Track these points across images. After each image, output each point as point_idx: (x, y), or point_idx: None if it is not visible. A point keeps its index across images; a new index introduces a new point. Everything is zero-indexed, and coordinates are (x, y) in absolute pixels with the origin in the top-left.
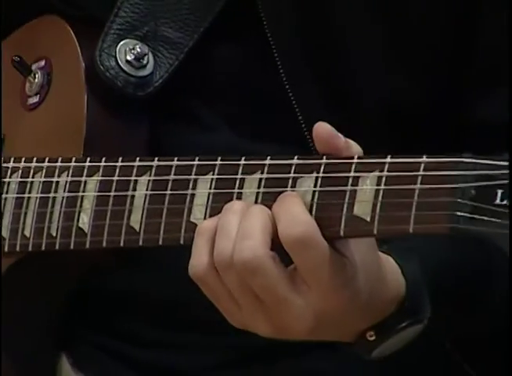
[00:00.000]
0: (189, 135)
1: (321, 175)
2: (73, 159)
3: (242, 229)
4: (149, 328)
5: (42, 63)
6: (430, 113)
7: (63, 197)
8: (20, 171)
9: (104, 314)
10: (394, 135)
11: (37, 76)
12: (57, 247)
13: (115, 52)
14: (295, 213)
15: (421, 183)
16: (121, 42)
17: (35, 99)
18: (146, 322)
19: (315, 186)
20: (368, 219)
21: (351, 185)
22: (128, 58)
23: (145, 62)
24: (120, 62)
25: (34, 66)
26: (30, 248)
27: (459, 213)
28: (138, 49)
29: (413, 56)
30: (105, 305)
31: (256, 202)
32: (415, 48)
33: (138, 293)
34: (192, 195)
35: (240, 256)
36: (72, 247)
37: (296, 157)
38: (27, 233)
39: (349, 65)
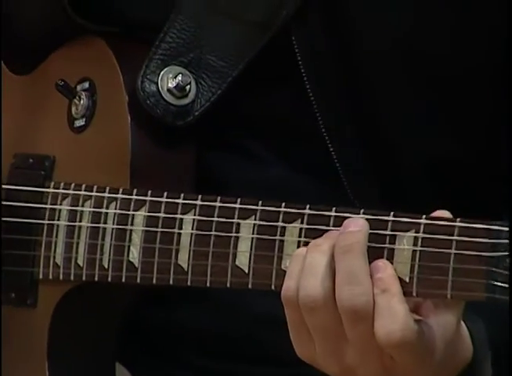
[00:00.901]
0: (241, 168)
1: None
2: (121, 190)
3: (346, 272)
4: (211, 361)
5: (86, 84)
6: (470, 166)
7: (112, 229)
8: (70, 198)
9: (169, 346)
10: (434, 186)
11: (82, 98)
12: (109, 279)
13: (157, 78)
14: (398, 313)
15: (456, 248)
16: (165, 69)
17: (82, 122)
18: (208, 355)
19: None
20: (407, 280)
21: (389, 243)
22: (170, 86)
23: (187, 91)
24: (161, 89)
25: (78, 88)
26: (83, 278)
27: (495, 282)
28: (181, 78)
29: (454, 110)
30: (170, 338)
31: None
32: (456, 103)
33: (200, 327)
34: (236, 238)
35: (352, 303)
36: (124, 280)
37: (334, 209)
38: (80, 263)
39: (380, 105)
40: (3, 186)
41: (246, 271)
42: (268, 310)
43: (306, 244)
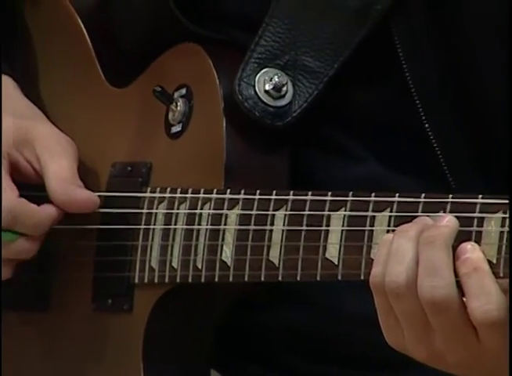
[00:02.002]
0: (338, 165)
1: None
2: (215, 191)
3: (427, 263)
4: (303, 362)
5: (183, 91)
6: None
7: (206, 230)
8: (166, 201)
9: (263, 348)
10: None
11: (179, 104)
12: (203, 279)
13: (254, 81)
14: (492, 292)
15: None
16: (261, 71)
17: (178, 128)
18: (301, 356)
19: None
20: (494, 261)
21: (477, 226)
22: (267, 88)
23: (283, 92)
24: (258, 92)
25: (175, 95)
26: (178, 280)
27: None
28: (277, 79)
29: None
30: (264, 340)
31: None
32: None
33: (294, 328)
34: (326, 231)
35: (431, 295)
36: (216, 280)
37: (423, 195)
38: (174, 265)
39: (486, 100)
40: (102, 194)
41: (336, 262)
42: (362, 310)
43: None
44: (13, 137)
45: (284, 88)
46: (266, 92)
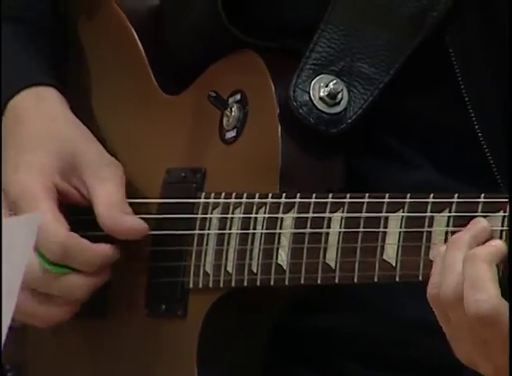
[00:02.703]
0: (393, 172)
1: (507, 214)
2: (270, 195)
3: (472, 278)
4: (360, 367)
5: (238, 96)
6: None
7: (261, 234)
8: (221, 206)
9: (319, 352)
10: None
11: (233, 110)
12: (258, 283)
13: (309, 88)
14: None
15: None
16: (316, 78)
17: (233, 133)
18: (358, 361)
19: (502, 225)
20: None
21: None
22: (322, 94)
23: (339, 98)
24: (313, 98)
25: (230, 100)
26: (233, 284)
27: None
28: (332, 86)
29: None
30: (320, 344)
31: (445, 241)
32: None
33: (351, 332)
34: (384, 233)
35: (476, 310)
36: (272, 283)
37: (483, 196)
38: (229, 269)
39: None
40: (156, 201)
41: (394, 264)
42: (420, 314)
43: (453, 233)
44: (59, 166)
45: (339, 95)
46: (321, 98)
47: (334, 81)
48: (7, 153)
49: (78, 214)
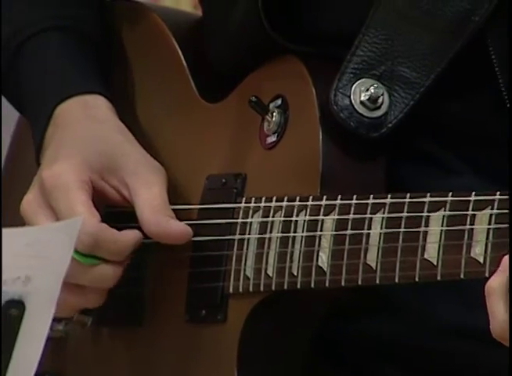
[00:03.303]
0: (433, 178)
1: None
2: (311, 197)
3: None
4: (401, 373)
5: (279, 101)
6: None
7: (302, 237)
8: (261, 210)
9: (359, 359)
10: None
11: (274, 115)
12: (298, 286)
13: (350, 92)
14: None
15: None
16: (357, 82)
17: (273, 138)
18: (399, 367)
19: None
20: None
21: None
22: (363, 98)
23: (379, 102)
24: (354, 102)
25: (271, 105)
26: (273, 288)
27: None
28: (373, 90)
29: None
30: (360, 351)
31: (487, 238)
32: None
33: (391, 339)
34: (425, 232)
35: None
36: (312, 285)
37: None
38: (269, 273)
39: None
40: (197, 207)
41: (435, 263)
42: (460, 321)
43: (494, 231)
44: (99, 165)
45: (380, 99)
46: (362, 102)
47: (375, 85)
48: (48, 153)
49: (120, 221)
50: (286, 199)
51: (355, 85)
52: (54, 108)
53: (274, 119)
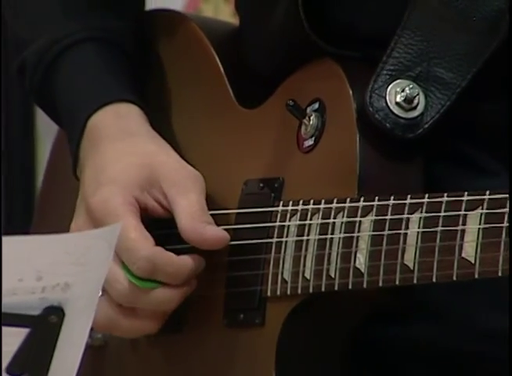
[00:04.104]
0: (468, 179)
1: None
2: (348, 199)
3: None
4: None
5: (316, 105)
6: None
7: (339, 238)
8: (299, 213)
9: (397, 364)
10: None
11: (311, 118)
12: (336, 288)
13: (385, 93)
14: None
15: None
16: (393, 83)
17: (310, 142)
18: (436, 372)
19: None
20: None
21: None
22: (398, 99)
23: (415, 103)
24: (389, 103)
25: (308, 109)
26: (310, 290)
27: None
28: (409, 90)
29: None
30: (398, 355)
31: None
32: None
33: (429, 343)
34: (463, 231)
35: None
36: (350, 287)
37: None
38: (307, 276)
39: None
40: (235, 211)
41: (473, 261)
42: (499, 325)
43: None
44: (139, 179)
45: (416, 100)
46: (397, 103)
47: (411, 86)
48: (87, 175)
49: (161, 228)
50: (323, 201)
51: (390, 86)
52: (87, 119)
53: (311, 123)
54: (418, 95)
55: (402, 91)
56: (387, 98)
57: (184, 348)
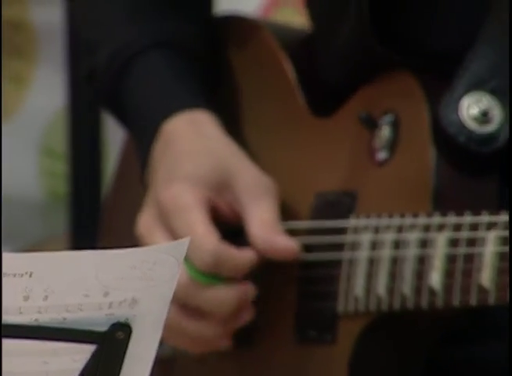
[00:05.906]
0: None
1: None
2: (422, 215)
3: None
4: None
5: (390, 117)
6: None
7: (413, 255)
8: (371, 229)
9: None
10: None
11: (385, 131)
12: (410, 306)
13: (459, 106)
14: None
15: None
16: (467, 96)
17: (383, 155)
18: None
19: None
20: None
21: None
22: (472, 113)
23: (490, 117)
24: (463, 117)
25: (381, 121)
26: (383, 308)
27: None
28: (484, 104)
29: None
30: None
31: None
32: None
33: (502, 364)
34: None
35: None
36: (424, 306)
37: None
38: (380, 293)
39: None
40: (307, 223)
41: None
42: None
43: None
44: (213, 181)
45: (491, 114)
46: (471, 117)
47: (486, 100)
48: (159, 173)
49: (227, 233)
50: (397, 216)
51: (464, 99)
52: (161, 124)
53: (384, 135)
54: (494, 108)
55: (477, 104)
56: (461, 111)
57: (253, 364)
